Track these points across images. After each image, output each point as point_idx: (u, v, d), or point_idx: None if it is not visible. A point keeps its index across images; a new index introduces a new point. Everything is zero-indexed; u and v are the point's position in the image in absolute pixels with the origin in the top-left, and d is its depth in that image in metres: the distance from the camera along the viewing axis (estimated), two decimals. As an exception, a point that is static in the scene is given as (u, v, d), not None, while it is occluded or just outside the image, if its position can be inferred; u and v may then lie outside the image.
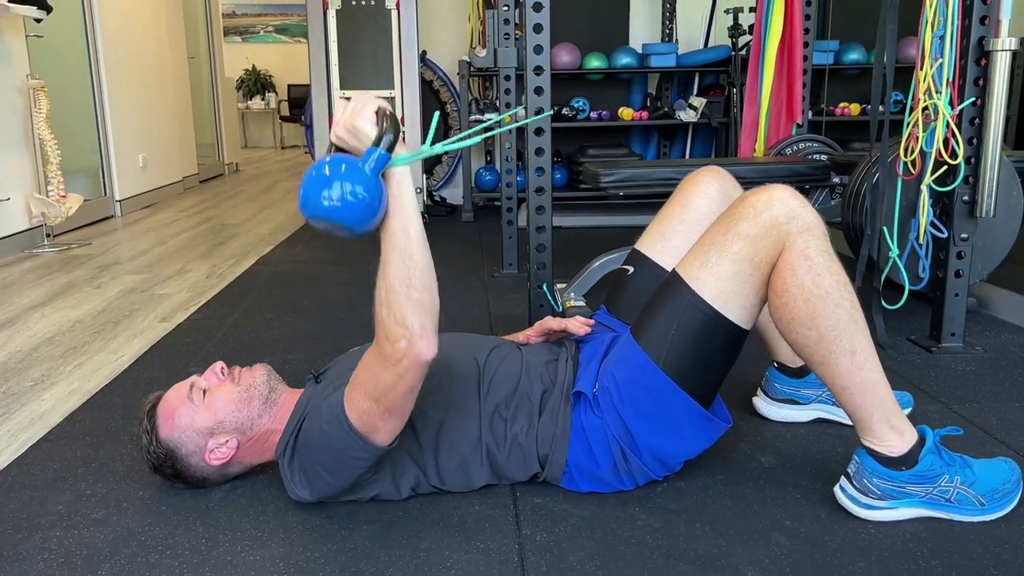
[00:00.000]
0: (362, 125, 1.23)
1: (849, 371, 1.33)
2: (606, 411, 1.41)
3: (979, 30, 2.09)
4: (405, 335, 1.22)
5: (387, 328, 1.24)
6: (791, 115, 3.24)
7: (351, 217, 1.20)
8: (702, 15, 5.14)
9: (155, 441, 1.45)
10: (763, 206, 1.33)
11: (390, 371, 1.25)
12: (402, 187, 1.25)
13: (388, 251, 1.25)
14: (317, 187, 1.20)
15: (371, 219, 1.22)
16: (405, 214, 1.25)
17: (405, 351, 1.23)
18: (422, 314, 1.23)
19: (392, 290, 1.23)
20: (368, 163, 1.20)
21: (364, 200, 1.19)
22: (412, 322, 1.22)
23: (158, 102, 5.99)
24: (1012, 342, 2.32)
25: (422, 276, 1.24)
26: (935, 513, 1.37)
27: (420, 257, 1.25)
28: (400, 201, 1.24)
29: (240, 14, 12.42)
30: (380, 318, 1.25)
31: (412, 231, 1.25)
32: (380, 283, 1.25)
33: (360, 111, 1.23)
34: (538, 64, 2.06)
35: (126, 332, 2.62)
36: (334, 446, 1.35)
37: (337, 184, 1.19)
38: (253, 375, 1.51)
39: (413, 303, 1.23)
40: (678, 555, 1.29)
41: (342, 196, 1.18)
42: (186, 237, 4.42)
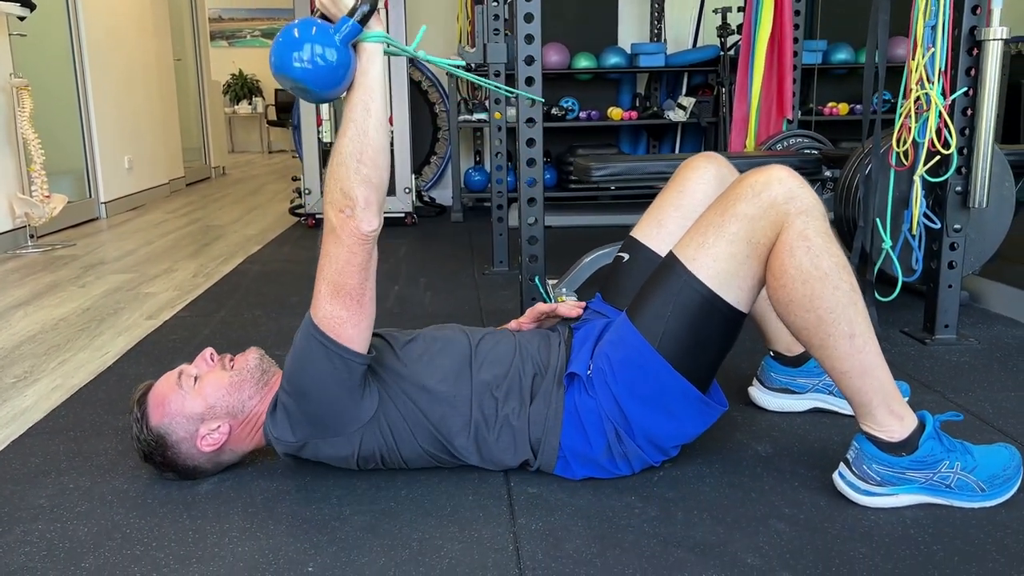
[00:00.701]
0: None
1: (848, 354, 1.32)
2: (600, 392, 1.39)
3: (970, 20, 2.08)
4: (348, 205, 1.27)
5: (333, 199, 1.28)
6: (781, 111, 3.24)
7: (315, 80, 1.24)
8: (690, 15, 5.14)
9: (145, 428, 1.42)
10: (761, 186, 1.31)
11: (338, 244, 1.30)
12: (371, 63, 1.28)
13: (345, 123, 1.29)
14: (287, 47, 1.24)
15: (335, 86, 1.26)
16: (369, 90, 1.28)
17: (347, 220, 1.27)
18: (367, 188, 1.27)
19: (343, 163, 1.27)
20: (339, 32, 1.23)
21: (330, 65, 1.23)
22: (357, 194, 1.26)
23: (144, 103, 5.94)
24: (1005, 334, 2.31)
25: (374, 154, 1.28)
26: (935, 499, 1.35)
27: (376, 135, 1.28)
28: (367, 76, 1.28)
29: (227, 18, 12.38)
30: (328, 189, 1.29)
31: (373, 107, 1.28)
32: (333, 154, 1.29)
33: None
34: (529, 55, 2.04)
35: (111, 330, 2.58)
36: (307, 358, 1.35)
37: (307, 46, 1.23)
38: (246, 359, 1.50)
39: (361, 177, 1.27)
40: (676, 542, 1.27)
41: (311, 58, 1.23)
42: (173, 238, 4.37)
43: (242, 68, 12.44)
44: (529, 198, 2.11)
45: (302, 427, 1.41)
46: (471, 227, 4.57)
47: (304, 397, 1.38)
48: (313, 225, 4.63)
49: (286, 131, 12.22)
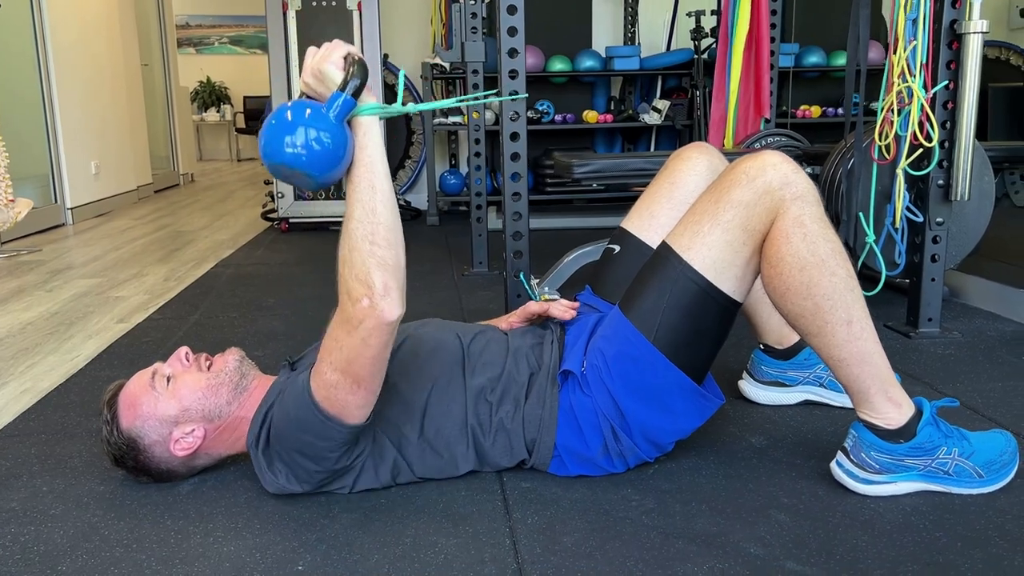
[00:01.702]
0: (328, 69, 1.17)
1: (846, 341, 1.30)
2: (595, 389, 1.36)
3: (951, 13, 2.09)
4: (367, 293, 1.16)
5: (349, 287, 1.17)
6: (759, 111, 3.24)
7: (313, 165, 1.15)
8: (664, 19, 5.15)
9: (116, 431, 1.36)
10: (756, 172, 1.29)
11: (353, 335, 1.18)
12: (369, 137, 1.19)
13: (352, 204, 1.19)
14: (279, 132, 1.15)
15: (334, 168, 1.16)
16: (371, 166, 1.19)
17: (367, 311, 1.16)
18: (385, 272, 1.17)
19: (355, 247, 1.17)
20: (332, 109, 1.14)
21: (327, 147, 1.14)
22: (375, 280, 1.16)
23: (111, 108, 5.83)
24: (987, 327, 2.32)
25: (387, 233, 1.18)
26: (934, 486, 1.34)
27: (385, 213, 1.19)
28: (367, 152, 1.18)
29: (194, 25, 12.23)
30: (342, 276, 1.19)
31: (378, 184, 1.19)
32: (343, 239, 1.19)
33: (327, 55, 1.18)
34: (512, 47, 2.01)
35: (81, 333, 2.50)
36: (306, 430, 1.27)
37: (300, 130, 1.13)
38: (225, 360, 1.42)
39: (376, 260, 1.16)
40: (676, 534, 1.24)
41: (306, 142, 1.13)
42: (142, 243, 4.28)
43: (210, 76, 12.30)
44: (513, 193, 2.08)
45: (305, 481, 1.34)
46: (447, 230, 4.53)
47: (300, 455, 1.31)
48: (287, 229, 4.56)
49: (255, 139, 12.09)
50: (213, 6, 12.18)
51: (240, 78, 12.43)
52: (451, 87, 5.25)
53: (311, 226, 4.61)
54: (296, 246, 4.08)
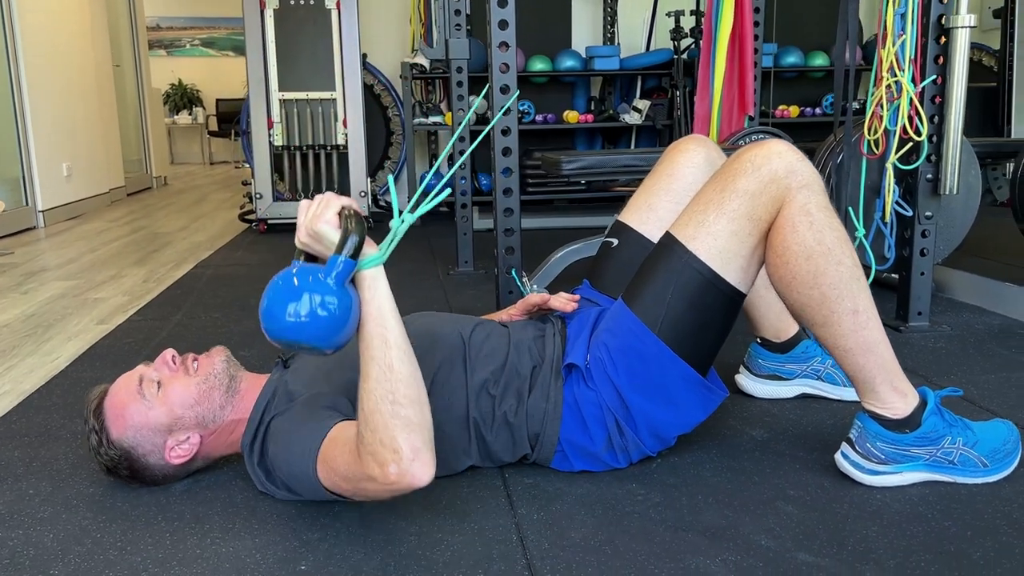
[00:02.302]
0: (323, 229, 1.10)
1: (852, 331, 1.29)
2: (599, 382, 1.34)
3: (938, 8, 2.11)
4: (395, 459, 1.07)
5: (373, 451, 1.08)
6: (743, 108, 3.24)
7: (318, 335, 1.07)
8: (643, 19, 5.16)
9: (106, 442, 1.30)
10: (761, 160, 1.28)
11: (375, 486, 1.11)
12: (375, 291, 1.12)
13: (366, 363, 1.11)
14: (277, 306, 1.07)
15: (341, 333, 1.09)
16: (381, 320, 1.12)
17: (396, 477, 1.08)
18: (412, 433, 1.08)
19: (375, 410, 1.08)
20: (331, 275, 1.07)
21: (332, 314, 1.06)
22: (401, 444, 1.07)
23: (82, 110, 5.73)
24: (975, 320, 2.33)
25: (407, 389, 1.10)
26: (939, 476, 1.33)
27: (403, 367, 1.11)
28: (374, 305, 1.12)
29: (165, 27, 12.09)
30: (365, 440, 1.09)
31: (391, 338, 1.11)
32: (361, 399, 1.10)
33: (320, 214, 1.11)
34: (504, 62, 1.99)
35: (60, 335, 2.44)
36: (307, 490, 1.23)
37: (300, 300, 1.06)
38: (212, 362, 1.37)
39: (401, 421, 1.08)
40: (685, 527, 1.22)
41: (309, 312, 1.06)
42: (118, 245, 4.20)
43: (181, 78, 12.17)
44: (505, 189, 2.06)
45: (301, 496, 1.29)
46: (429, 231, 4.49)
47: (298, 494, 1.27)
48: (265, 230, 4.50)
49: (228, 142, 11.97)
50: (184, 8, 12.05)
51: (212, 80, 12.31)
52: (431, 87, 5.23)
53: (291, 227, 4.53)
54: (276, 247, 4.03)
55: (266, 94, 4.43)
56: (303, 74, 4.45)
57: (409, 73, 4.66)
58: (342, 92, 4.47)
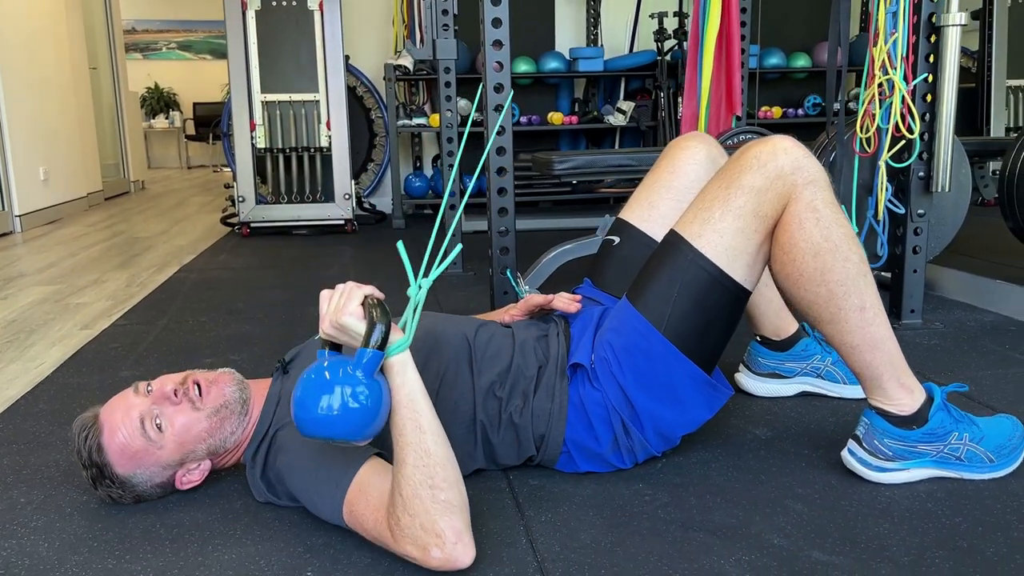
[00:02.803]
0: (348, 322, 1.09)
1: (859, 327, 1.28)
2: (605, 383, 1.32)
3: (928, 6, 2.11)
4: (437, 544, 1.06)
5: (414, 537, 1.06)
6: (731, 108, 3.25)
7: (351, 429, 1.06)
8: (626, 20, 5.17)
9: (111, 478, 1.26)
10: (767, 156, 1.27)
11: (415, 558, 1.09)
12: (405, 377, 1.11)
13: (401, 449, 1.09)
14: (308, 405, 1.05)
15: (373, 423, 1.07)
16: (412, 405, 1.10)
17: (440, 562, 1.06)
18: (453, 516, 1.07)
19: (415, 495, 1.07)
20: (359, 367, 1.06)
21: (363, 406, 1.05)
22: (443, 528, 1.06)
23: (59, 113, 5.65)
24: (966, 318, 2.34)
25: (445, 472, 1.09)
26: (946, 472, 1.33)
27: (438, 450, 1.10)
28: (404, 391, 1.10)
29: (141, 30, 11.97)
30: (403, 524, 1.07)
31: (423, 421, 1.10)
32: (399, 485, 1.08)
33: (344, 307, 1.09)
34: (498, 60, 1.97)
35: (43, 340, 2.39)
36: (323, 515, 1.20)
37: (326, 398, 1.04)
38: (222, 392, 1.30)
39: (441, 505, 1.07)
40: (696, 526, 1.21)
41: (342, 404, 1.04)
42: (98, 250, 4.14)
43: (158, 81, 12.05)
44: (499, 188, 2.04)
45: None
46: (414, 233, 4.44)
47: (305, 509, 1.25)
48: (248, 234, 4.45)
49: (206, 146, 11.87)
50: (161, 11, 11.93)
51: (189, 84, 12.20)
52: (414, 89, 5.20)
53: (274, 230, 4.52)
54: (260, 250, 3.98)
55: (248, 96, 4.38)
56: (286, 75, 4.41)
57: (392, 75, 4.63)
58: (325, 94, 4.43)
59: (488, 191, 2.07)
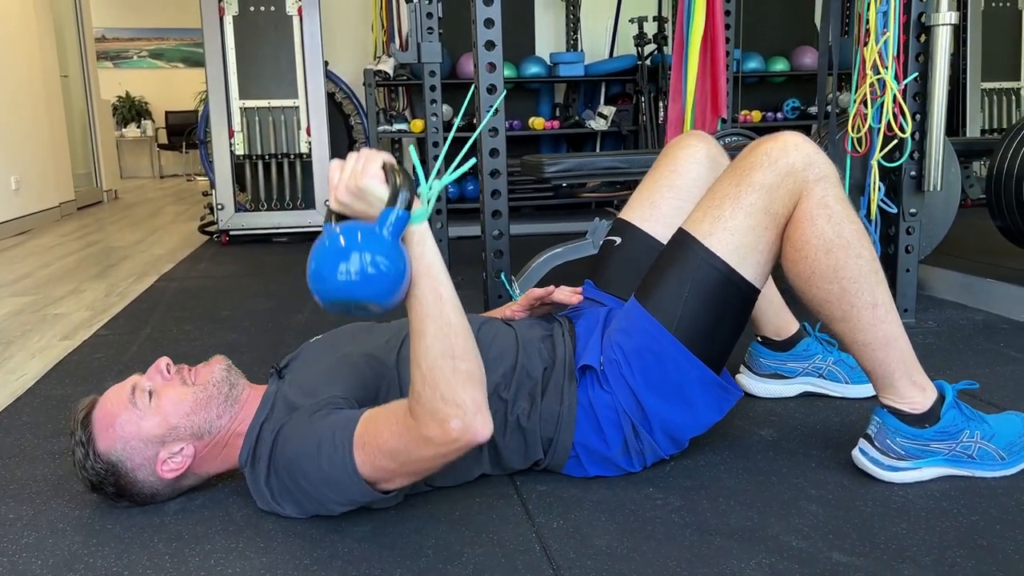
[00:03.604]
0: (370, 185, 1.05)
1: (871, 325, 1.27)
2: (615, 385, 1.30)
3: (918, 6, 2.12)
4: (457, 414, 1.06)
5: (433, 408, 1.06)
6: (716, 110, 3.25)
7: (376, 292, 1.02)
8: (606, 25, 5.17)
9: (93, 455, 1.22)
10: (778, 153, 1.25)
11: (433, 450, 1.09)
12: (425, 246, 1.08)
13: (422, 320, 1.08)
14: (331, 264, 1.01)
15: (398, 290, 1.04)
16: (433, 275, 1.08)
17: (459, 433, 1.06)
18: (473, 386, 1.08)
19: (435, 366, 1.06)
20: (386, 227, 1.03)
21: (388, 270, 1.02)
22: (464, 398, 1.06)
23: (31, 121, 5.54)
24: (959, 316, 2.35)
25: (465, 343, 1.09)
26: (957, 471, 1.32)
27: (458, 321, 1.09)
28: (425, 261, 1.08)
29: (111, 38, 11.80)
30: (423, 398, 1.07)
31: (444, 292, 1.08)
32: (419, 357, 1.07)
33: (364, 169, 1.05)
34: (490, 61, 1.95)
35: (22, 352, 2.32)
36: (334, 489, 1.17)
37: (355, 256, 1.00)
38: (211, 370, 1.29)
39: (462, 376, 1.07)
40: (712, 530, 1.18)
41: (361, 270, 1.00)
42: (73, 260, 4.05)
43: (129, 90, 11.89)
44: (493, 191, 2.02)
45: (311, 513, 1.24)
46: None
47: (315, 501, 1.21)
48: (227, 242, 4.38)
49: (179, 155, 11.73)
50: (132, 19, 11.78)
51: (161, 93, 12.05)
52: (394, 94, 5.16)
53: (253, 238, 4.45)
54: (241, 258, 3.92)
55: (226, 102, 4.32)
56: (264, 82, 4.35)
57: (372, 80, 4.59)
58: (305, 99, 4.38)
59: (481, 194, 2.04)
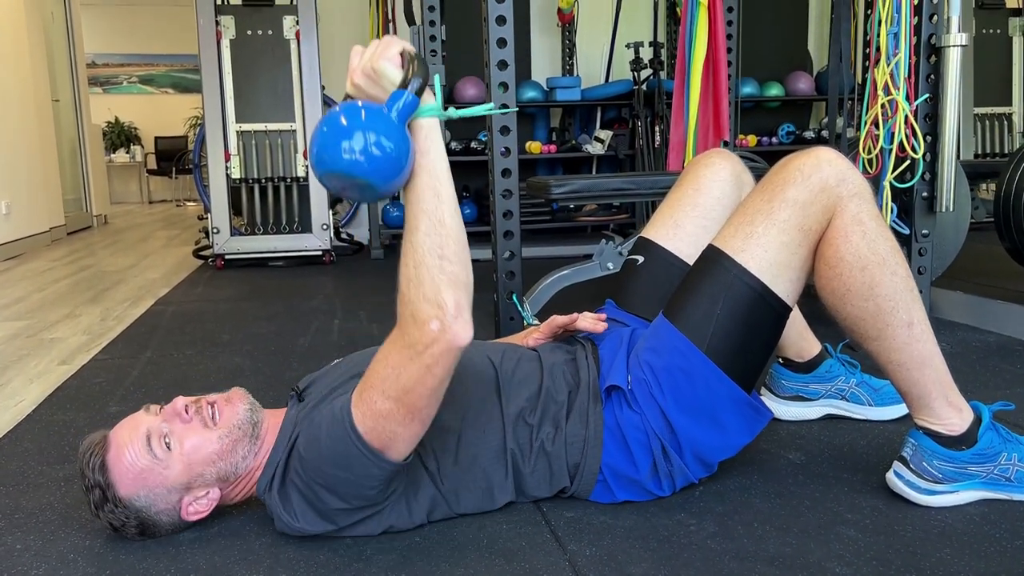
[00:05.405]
0: (384, 67, 1.05)
1: (906, 344, 1.24)
2: (644, 405, 1.26)
3: (928, 27, 2.12)
4: (437, 315, 1.04)
5: (415, 308, 1.05)
6: (718, 134, 3.24)
7: (375, 172, 1.02)
8: (601, 50, 5.19)
9: (113, 500, 1.16)
10: (811, 169, 1.23)
11: (416, 360, 1.06)
12: (431, 141, 1.07)
13: (416, 216, 1.07)
14: (334, 138, 1.01)
15: (397, 175, 1.04)
16: (435, 172, 1.07)
17: (438, 334, 1.04)
18: (457, 290, 1.06)
19: (422, 262, 1.05)
20: (394, 109, 1.02)
21: (390, 152, 1.02)
22: (446, 299, 1.04)
23: (22, 145, 5.49)
24: (971, 338, 2.33)
25: (456, 246, 1.07)
26: (995, 494, 1.29)
27: (453, 223, 1.07)
28: (429, 157, 1.07)
29: (101, 64, 11.78)
30: (407, 297, 1.06)
31: (443, 191, 1.07)
32: (407, 254, 1.06)
33: (382, 52, 1.05)
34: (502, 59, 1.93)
35: (20, 377, 2.27)
36: (338, 463, 1.13)
37: (359, 134, 1.01)
38: (235, 410, 1.22)
39: (447, 276, 1.05)
40: (751, 557, 1.14)
41: (365, 148, 1.00)
42: (67, 284, 3.99)
43: (118, 115, 11.85)
44: (504, 212, 1.99)
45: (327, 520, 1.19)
46: (393, 264, 4.37)
47: (326, 490, 1.16)
48: (222, 266, 4.33)
49: (168, 180, 11.69)
50: (122, 44, 11.77)
51: (151, 118, 12.03)
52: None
53: (249, 262, 4.40)
54: (238, 282, 3.87)
55: (223, 126, 4.29)
56: (261, 105, 4.33)
57: (370, 104, 4.56)
58: (302, 123, 4.36)
59: (492, 214, 2.01)
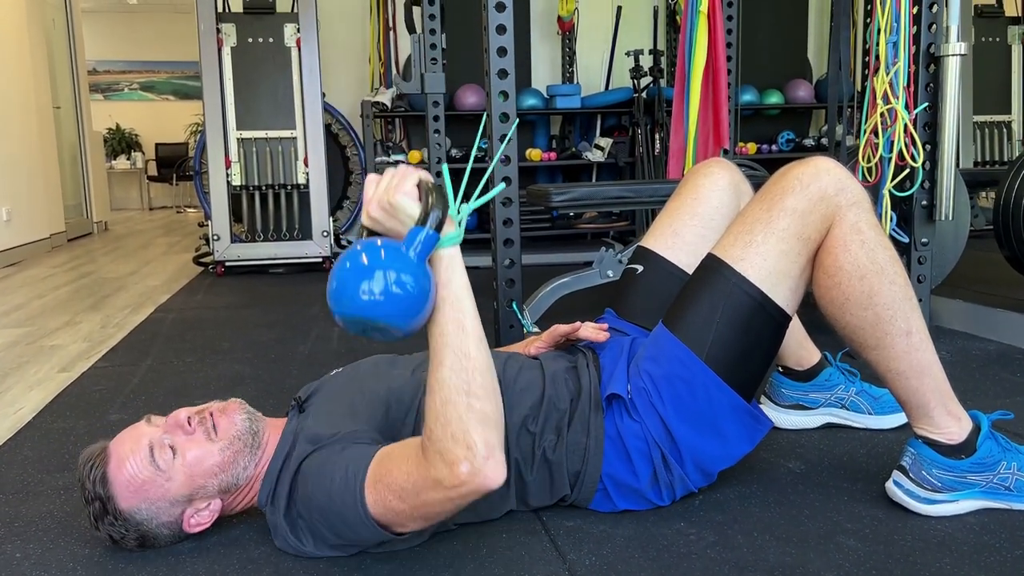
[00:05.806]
0: (402, 202, 1.02)
1: (905, 353, 1.25)
2: (645, 414, 1.26)
3: (927, 36, 2.13)
4: (467, 456, 1.00)
5: (442, 447, 1.01)
6: (718, 142, 3.25)
7: (396, 313, 0.98)
8: (601, 58, 5.20)
9: (113, 513, 1.16)
10: (810, 178, 1.23)
11: (440, 492, 1.03)
12: (453, 272, 1.05)
13: (440, 350, 1.04)
14: (353, 279, 0.98)
15: (419, 314, 1.00)
16: (458, 304, 1.04)
17: (467, 477, 1.00)
18: (487, 429, 1.02)
19: (449, 400, 1.02)
20: (413, 246, 0.99)
21: (412, 292, 0.98)
22: (475, 440, 1.00)
23: (23, 152, 5.50)
24: (970, 347, 2.33)
25: (484, 380, 1.04)
26: (994, 503, 1.29)
27: (480, 356, 1.04)
28: (451, 289, 1.04)
29: (102, 71, 11.81)
30: (434, 435, 1.02)
31: (468, 324, 1.04)
32: (433, 391, 1.03)
33: (399, 185, 1.03)
34: (502, 68, 1.94)
35: (20, 384, 2.27)
36: (347, 523, 1.12)
37: (378, 274, 0.97)
38: (232, 422, 1.22)
39: (476, 415, 1.01)
40: (751, 567, 1.14)
41: (385, 288, 0.97)
42: (67, 291, 3.99)
43: (119, 122, 11.88)
44: (504, 219, 1.99)
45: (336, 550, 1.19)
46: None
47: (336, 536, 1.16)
48: (223, 273, 4.34)
49: (168, 187, 11.71)
50: (123, 51, 11.80)
51: (151, 125, 12.05)
52: (391, 126, 5.16)
53: (249, 269, 4.41)
54: (239, 289, 3.88)
55: (224, 133, 4.30)
56: (262, 112, 4.34)
57: (370, 111, 4.58)
58: (303, 130, 4.37)
59: (493, 223, 2.02)
